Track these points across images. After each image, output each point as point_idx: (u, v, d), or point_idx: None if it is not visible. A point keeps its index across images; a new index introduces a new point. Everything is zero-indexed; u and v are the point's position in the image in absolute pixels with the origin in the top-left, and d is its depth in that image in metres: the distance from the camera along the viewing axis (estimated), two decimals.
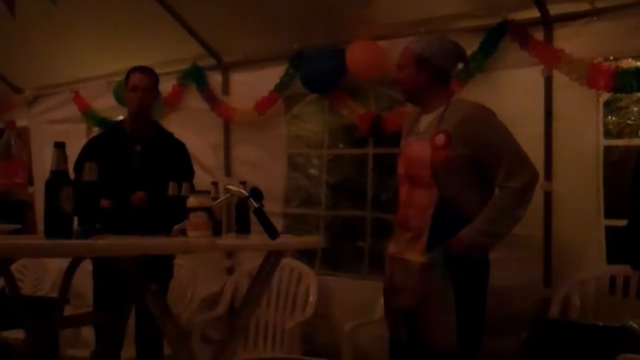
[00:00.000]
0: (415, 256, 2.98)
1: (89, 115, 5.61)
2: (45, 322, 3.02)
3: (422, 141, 3.01)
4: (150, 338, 3.68)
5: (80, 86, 5.68)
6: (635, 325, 3.00)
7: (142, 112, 3.70)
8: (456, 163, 2.91)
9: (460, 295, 2.88)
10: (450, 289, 2.88)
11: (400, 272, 3.06)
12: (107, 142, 3.72)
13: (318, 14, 4.27)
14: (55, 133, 5.50)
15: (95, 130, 5.56)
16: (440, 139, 2.93)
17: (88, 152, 3.60)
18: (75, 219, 2.35)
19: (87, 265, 3.55)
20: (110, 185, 2.87)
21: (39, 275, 5.28)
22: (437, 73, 3.04)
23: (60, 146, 2.41)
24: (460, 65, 3.35)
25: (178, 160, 3.76)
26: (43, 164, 5.49)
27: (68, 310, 3.57)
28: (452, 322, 2.87)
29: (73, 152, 2.47)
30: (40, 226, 3.17)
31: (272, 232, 2.75)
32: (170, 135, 3.89)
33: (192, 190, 3.12)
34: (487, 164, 2.93)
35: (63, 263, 4.39)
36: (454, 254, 2.89)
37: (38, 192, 5.63)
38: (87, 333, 4.29)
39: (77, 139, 5.42)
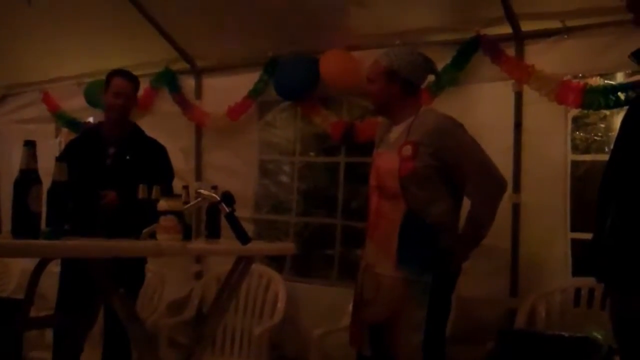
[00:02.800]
0: (387, 270, 2.99)
1: (59, 116, 5.55)
2: (10, 323, 2.98)
3: (390, 152, 3.04)
4: (118, 343, 3.65)
5: (50, 86, 5.61)
6: (598, 336, 3.06)
7: (123, 118, 3.70)
8: (423, 174, 2.94)
9: (430, 313, 2.90)
10: (424, 306, 2.89)
11: (371, 285, 3.07)
12: (83, 144, 3.74)
13: (293, 22, 4.28)
14: (23, 133, 5.41)
15: (65, 131, 5.52)
16: (407, 150, 2.96)
17: (66, 154, 3.62)
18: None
19: (50, 267, 3.51)
20: (82, 186, 2.85)
21: (2, 276, 5.20)
22: (406, 85, 3.07)
23: (30, 145, 2.38)
24: (431, 77, 3.39)
25: (155, 162, 3.72)
26: (10, 164, 5.40)
27: (31, 312, 3.53)
28: (418, 340, 2.89)
29: (41, 153, 2.45)
30: (5, 226, 3.12)
31: (243, 238, 2.74)
32: (148, 138, 3.86)
33: (169, 193, 3.13)
34: (456, 175, 2.98)
35: (27, 264, 4.35)
36: (456, 269, 2.97)
37: (4, 193, 5.54)
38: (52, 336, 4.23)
39: (45, 139, 5.40)
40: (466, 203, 3.06)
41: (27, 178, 2.32)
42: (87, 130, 3.90)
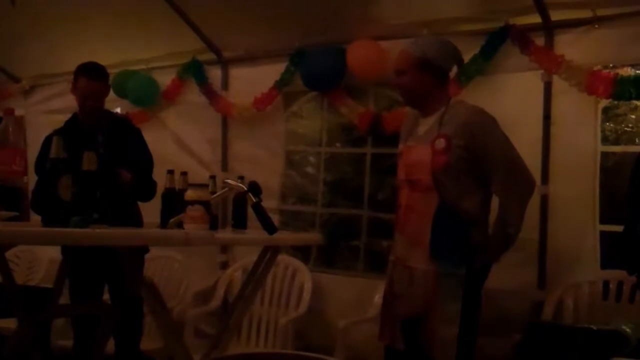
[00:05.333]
0: (420, 264, 2.97)
1: None
2: (40, 311, 3.02)
3: (422, 145, 3.00)
4: (127, 331, 3.73)
5: None
6: (627, 330, 3.02)
7: (98, 111, 3.74)
8: (456, 167, 2.91)
9: (464, 306, 2.89)
10: (458, 299, 2.88)
11: (402, 279, 3.05)
12: (68, 136, 3.64)
13: (320, 12, 4.27)
14: (52, 123, 5.44)
15: None
16: (440, 143, 2.93)
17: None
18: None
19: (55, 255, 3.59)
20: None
21: (31, 264, 5.27)
22: (439, 74, 3.03)
23: (60, 134, 2.42)
24: (455, 68, 3.35)
25: (136, 145, 3.80)
26: None
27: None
28: (454, 333, 2.87)
29: None
30: (33, 215, 3.18)
31: (270, 227, 2.75)
32: (125, 121, 3.98)
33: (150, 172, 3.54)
34: (483, 170, 2.94)
35: (55, 253, 4.40)
36: (483, 265, 2.95)
37: (32, 182, 5.60)
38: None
39: None
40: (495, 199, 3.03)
41: (57, 167, 2.35)
42: (67, 123, 3.86)
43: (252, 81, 4.81)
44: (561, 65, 3.63)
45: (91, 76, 3.65)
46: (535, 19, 3.74)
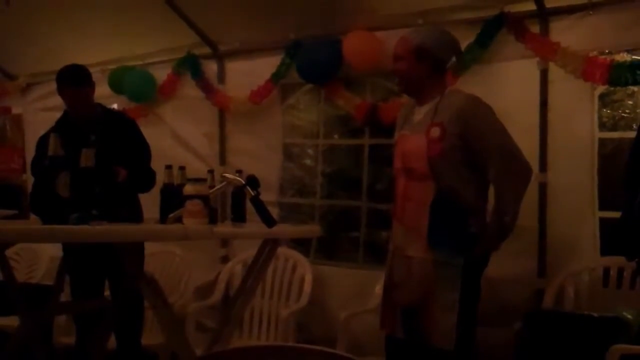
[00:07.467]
0: (418, 252, 2.98)
1: None
2: (41, 308, 3.03)
3: (417, 134, 3.01)
4: (128, 327, 3.74)
5: None
6: (628, 316, 3.03)
7: (87, 113, 3.70)
8: (452, 155, 2.91)
9: (462, 295, 2.89)
10: (456, 288, 2.88)
11: (401, 268, 3.06)
12: (62, 135, 3.64)
13: (315, 4, 4.26)
14: (50, 121, 5.43)
15: None
16: (435, 131, 2.93)
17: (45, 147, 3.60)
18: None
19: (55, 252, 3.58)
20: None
21: (32, 262, 5.27)
22: (436, 64, 3.04)
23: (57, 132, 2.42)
24: (453, 58, 3.35)
25: (131, 137, 3.78)
26: None
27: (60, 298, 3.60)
28: (453, 320, 2.88)
29: None
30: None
31: (268, 220, 2.75)
32: (118, 115, 3.97)
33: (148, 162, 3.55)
34: (479, 158, 2.94)
35: (56, 251, 4.41)
36: (482, 254, 2.95)
37: (31, 179, 5.61)
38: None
39: None
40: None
41: (55, 164, 2.36)
42: (58, 123, 3.84)
43: (248, 74, 4.80)
44: (557, 52, 3.62)
45: (72, 84, 3.60)
46: (530, 6, 3.73)
